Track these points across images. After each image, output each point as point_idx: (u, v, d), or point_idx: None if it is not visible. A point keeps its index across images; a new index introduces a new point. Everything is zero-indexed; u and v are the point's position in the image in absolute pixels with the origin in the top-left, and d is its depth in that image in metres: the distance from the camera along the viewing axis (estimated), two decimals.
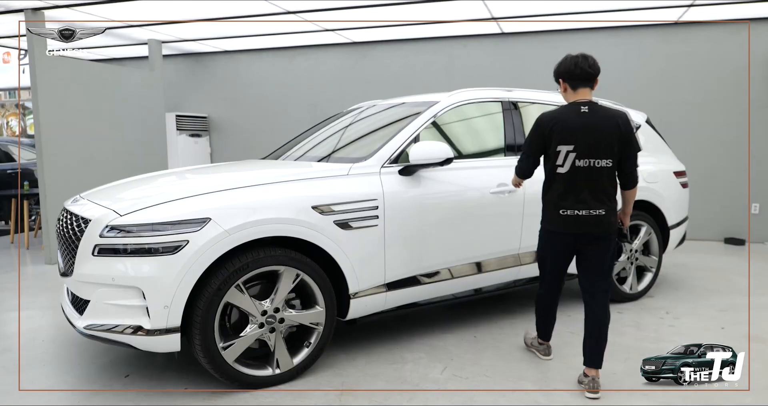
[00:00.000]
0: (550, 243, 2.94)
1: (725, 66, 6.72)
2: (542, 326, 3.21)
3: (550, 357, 3.22)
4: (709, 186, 6.77)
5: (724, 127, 6.79)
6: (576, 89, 2.81)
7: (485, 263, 3.61)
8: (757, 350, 3.34)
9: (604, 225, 2.77)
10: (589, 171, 2.73)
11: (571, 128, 2.72)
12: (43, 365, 3.24)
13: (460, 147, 3.71)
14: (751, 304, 4.26)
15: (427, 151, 3.20)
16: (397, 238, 3.16)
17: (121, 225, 2.66)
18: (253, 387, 2.85)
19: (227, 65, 8.45)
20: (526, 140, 2.97)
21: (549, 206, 2.87)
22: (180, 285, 2.59)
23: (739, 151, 6.77)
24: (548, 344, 3.25)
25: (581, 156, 2.72)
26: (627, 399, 2.62)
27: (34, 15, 5.52)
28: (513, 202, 3.64)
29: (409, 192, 3.23)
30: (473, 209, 3.51)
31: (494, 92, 3.93)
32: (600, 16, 6.47)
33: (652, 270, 4.49)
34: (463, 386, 2.88)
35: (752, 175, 6.77)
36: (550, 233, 2.90)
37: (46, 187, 5.82)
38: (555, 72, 2.87)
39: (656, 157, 4.67)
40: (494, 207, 3.58)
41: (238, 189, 2.86)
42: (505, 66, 7.36)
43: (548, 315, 3.17)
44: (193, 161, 8.18)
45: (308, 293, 2.99)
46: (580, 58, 2.78)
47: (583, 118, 2.73)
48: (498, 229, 3.64)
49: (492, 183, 3.57)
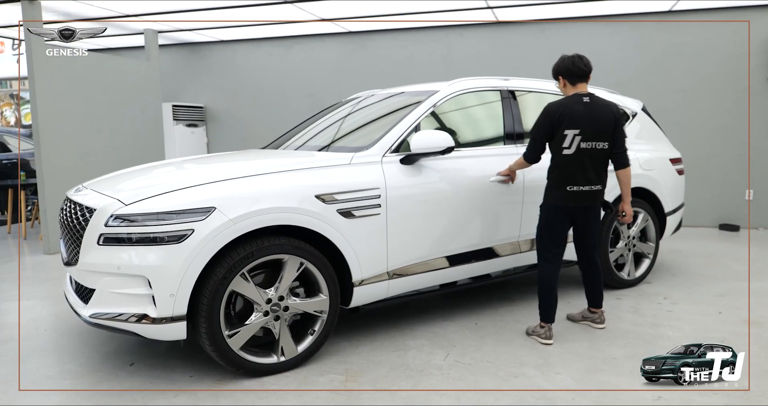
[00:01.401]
0: (555, 217, 3.28)
1: (719, 54, 6.77)
2: (546, 306, 3.29)
3: (551, 341, 3.27)
4: (703, 173, 6.82)
5: (718, 115, 6.84)
6: (575, 84, 3.25)
7: (486, 250, 3.64)
8: (755, 334, 3.40)
9: (599, 197, 3.30)
10: (592, 152, 3.19)
11: (576, 115, 3.14)
12: (47, 354, 3.26)
13: (460, 136, 3.73)
14: (745, 289, 4.32)
15: (427, 140, 3.23)
16: (399, 226, 3.19)
17: (126, 214, 2.67)
18: (258, 374, 2.88)
19: (224, 55, 8.41)
20: (534, 128, 3.26)
21: (557, 183, 3.24)
22: (186, 274, 2.61)
23: (733, 139, 6.83)
24: (550, 327, 3.31)
25: (585, 139, 3.16)
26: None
27: (31, 5, 5.47)
28: (513, 190, 3.68)
29: (410, 181, 3.25)
30: (474, 198, 3.53)
31: (492, 81, 3.94)
32: (595, 5, 6.48)
33: (649, 256, 4.55)
34: (466, 371, 2.93)
35: (746, 162, 6.83)
36: (556, 208, 3.26)
37: (44, 178, 5.81)
38: (554, 70, 3.29)
39: (652, 145, 4.70)
40: (494, 195, 3.61)
41: (243, 178, 2.87)
42: (502, 55, 7.36)
43: (552, 294, 3.30)
44: (190, 151, 8.16)
45: (312, 282, 3.01)
46: (576, 58, 3.22)
47: (586, 106, 3.18)
48: (498, 216, 3.67)
49: (492, 172, 3.60)
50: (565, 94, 3.30)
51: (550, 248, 3.32)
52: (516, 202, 3.73)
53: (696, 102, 6.88)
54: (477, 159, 3.63)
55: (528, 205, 3.74)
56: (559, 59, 3.28)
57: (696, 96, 6.88)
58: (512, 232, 3.76)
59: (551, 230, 3.31)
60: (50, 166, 5.85)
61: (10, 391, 2.80)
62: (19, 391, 2.80)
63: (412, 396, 2.67)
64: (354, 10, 6.51)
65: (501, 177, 3.60)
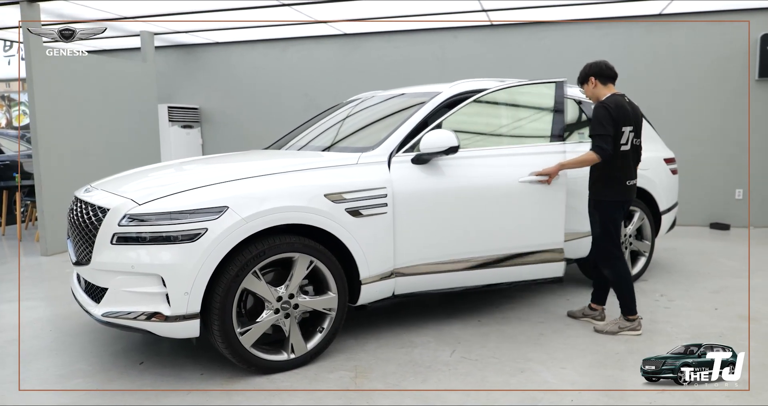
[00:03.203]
0: (618, 212, 3.45)
1: (707, 56, 6.91)
2: (633, 298, 3.45)
3: (605, 322, 3.55)
4: (694, 172, 6.95)
5: (708, 116, 6.99)
6: (605, 84, 3.45)
7: (503, 257, 3.52)
8: (752, 329, 3.50)
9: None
10: (637, 147, 3.51)
11: (628, 113, 3.36)
12: (56, 354, 3.27)
13: (468, 136, 3.71)
14: (741, 285, 4.43)
15: (433, 140, 3.24)
16: (405, 225, 3.22)
17: (139, 214, 2.70)
18: (268, 372, 2.92)
19: (219, 56, 8.42)
20: (599, 126, 3.30)
21: (618, 179, 3.40)
22: (200, 272, 2.64)
23: (722, 139, 6.97)
24: (603, 309, 3.66)
25: (636, 135, 3.43)
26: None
27: (30, 7, 5.45)
28: (548, 191, 3.53)
29: (418, 181, 3.27)
30: (485, 200, 3.44)
31: (490, 83, 3.95)
32: (586, 8, 6.59)
33: (645, 254, 4.64)
34: (473, 367, 2.99)
35: (735, 161, 6.98)
36: (618, 203, 3.43)
37: (42, 179, 5.79)
38: (585, 73, 3.47)
39: (647, 145, 4.74)
40: (518, 197, 3.50)
41: (254, 178, 2.92)
42: (495, 56, 7.46)
43: (632, 286, 3.49)
44: (185, 153, 8.16)
45: (320, 279, 3.06)
46: (605, 62, 3.46)
47: (630, 105, 3.43)
48: (523, 221, 3.54)
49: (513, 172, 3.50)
50: (594, 94, 3.46)
51: (617, 244, 3.45)
52: (554, 204, 3.55)
53: (685, 103, 7.02)
54: (485, 159, 3.52)
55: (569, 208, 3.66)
56: (589, 64, 3.47)
57: (685, 97, 7.02)
58: (542, 238, 3.59)
59: (617, 226, 3.44)
60: (48, 168, 5.83)
61: (19, 390, 2.81)
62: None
63: (425, 393, 2.72)
64: (348, 12, 6.56)
65: (538, 177, 3.50)
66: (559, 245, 3.63)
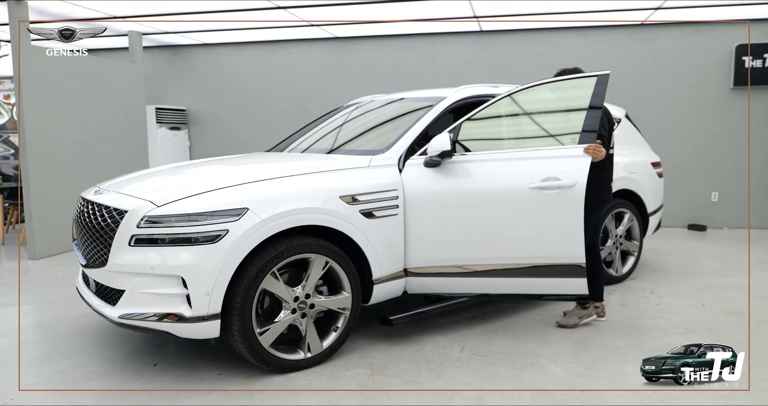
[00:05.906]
0: (602, 211, 3.78)
1: (688, 64, 7.18)
2: (601, 286, 3.68)
3: (605, 319, 3.74)
4: (673, 176, 7.20)
5: (687, 121, 7.26)
6: None
7: (519, 266, 3.34)
8: (737, 323, 3.69)
9: None
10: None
11: (612, 120, 3.61)
12: (65, 358, 3.25)
13: (474, 140, 3.74)
14: (722, 283, 4.65)
15: (434, 144, 3.28)
16: (416, 227, 3.29)
17: (159, 216, 2.72)
18: (285, 371, 2.97)
19: (207, 58, 8.38)
20: (602, 128, 3.42)
21: (608, 181, 3.67)
22: (221, 273, 2.68)
23: (700, 144, 7.26)
24: (603, 305, 3.76)
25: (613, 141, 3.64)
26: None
27: (18, 6, 5.37)
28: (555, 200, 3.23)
29: (429, 183, 3.32)
30: (496, 204, 3.30)
31: (489, 89, 4.02)
32: (575, 17, 6.79)
33: (634, 254, 4.83)
34: (484, 362, 3.09)
35: (712, 165, 7.27)
36: (605, 203, 3.72)
37: (30, 181, 5.69)
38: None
39: (635, 149, 4.99)
40: (528, 204, 3.28)
41: (271, 180, 2.97)
42: (486, 62, 7.61)
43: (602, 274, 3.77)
44: (173, 154, 8.09)
45: (334, 280, 3.12)
46: (578, 70, 3.61)
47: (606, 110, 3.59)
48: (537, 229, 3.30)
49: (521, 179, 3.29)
50: None
51: (595, 240, 3.72)
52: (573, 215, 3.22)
53: (666, 108, 7.28)
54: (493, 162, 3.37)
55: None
56: (568, 70, 3.63)
57: (667, 103, 7.28)
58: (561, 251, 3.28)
59: (598, 225, 3.74)
60: (36, 170, 5.74)
61: (24, 390, 2.81)
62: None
63: (443, 392, 2.80)
64: (341, 15, 6.62)
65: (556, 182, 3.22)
66: (580, 259, 3.24)
